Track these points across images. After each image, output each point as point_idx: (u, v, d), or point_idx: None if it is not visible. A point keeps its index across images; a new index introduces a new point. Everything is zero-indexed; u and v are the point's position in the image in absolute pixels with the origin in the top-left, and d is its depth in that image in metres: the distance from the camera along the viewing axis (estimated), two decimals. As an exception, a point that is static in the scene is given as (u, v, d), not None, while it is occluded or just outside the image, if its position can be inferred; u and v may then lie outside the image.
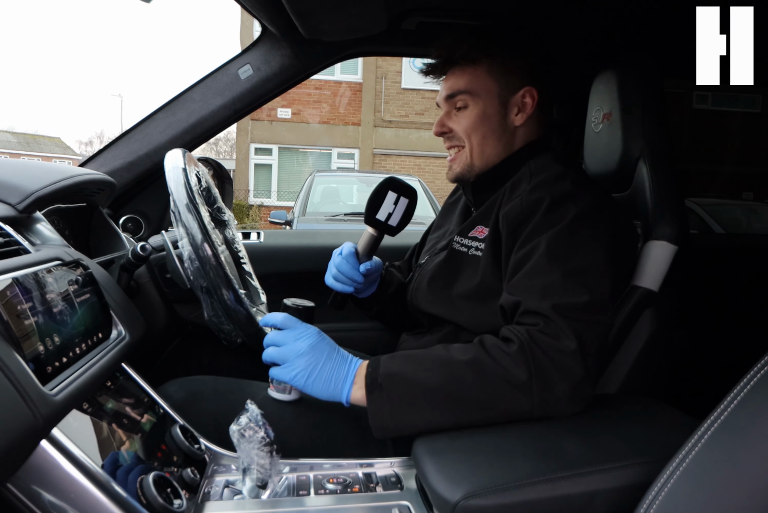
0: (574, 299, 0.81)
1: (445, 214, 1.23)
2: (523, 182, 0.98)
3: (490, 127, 1.02)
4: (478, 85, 1.01)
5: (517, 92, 1.02)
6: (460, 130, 1.03)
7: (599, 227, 0.88)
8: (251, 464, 0.79)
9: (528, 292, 0.84)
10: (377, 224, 1.05)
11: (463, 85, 1.02)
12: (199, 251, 0.96)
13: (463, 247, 1.03)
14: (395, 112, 12.62)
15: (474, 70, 1.02)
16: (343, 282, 1.10)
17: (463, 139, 1.04)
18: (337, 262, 1.10)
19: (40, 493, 0.63)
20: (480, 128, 1.02)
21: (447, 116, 1.06)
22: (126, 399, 0.84)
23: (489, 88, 1.01)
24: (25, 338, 0.64)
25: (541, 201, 0.90)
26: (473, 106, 1.02)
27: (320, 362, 0.85)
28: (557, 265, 0.84)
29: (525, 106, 1.02)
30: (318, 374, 0.84)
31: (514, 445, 0.76)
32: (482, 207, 1.04)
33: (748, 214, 5.16)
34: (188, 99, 1.48)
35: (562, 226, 0.87)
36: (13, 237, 0.87)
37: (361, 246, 1.09)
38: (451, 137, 1.06)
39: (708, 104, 8.23)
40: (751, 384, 0.52)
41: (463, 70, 1.02)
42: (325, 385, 0.84)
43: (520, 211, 0.92)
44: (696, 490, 0.53)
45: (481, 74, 1.01)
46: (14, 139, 28.26)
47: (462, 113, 1.03)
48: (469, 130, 1.02)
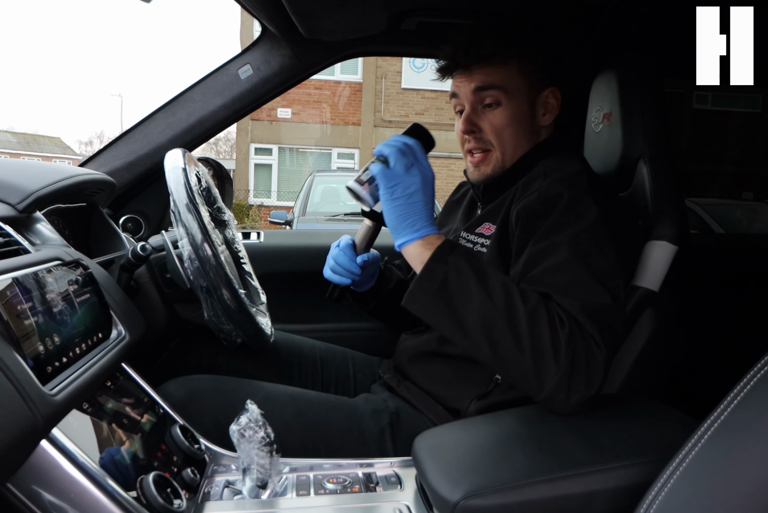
0: (600, 300, 0.80)
1: (449, 212, 1.23)
2: (536, 181, 0.96)
3: (522, 128, 1.00)
4: (511, 83, 0.98)
5: (542, 92, 1.01)
6: (490, 130, 1.00)
7: (615, 228, 0.88)
8: (251, 464, 0.79)
9: (553, 286, 0.82)
10: (374, 215, 1.05)
11: (497, 80, 0.98)
12: (199, 251, 0.96)
13: (468, 243, 1.03)
14: (395, 112, 12.62)
15: (505, 68, 0.98)
16: (341, 274, 1.09)
17: (492, 140, 1.01)
18: (334, 254, 1.09)
19: (40, 493, 0.63)
20: (512, 128, 1.00)
21: (475, 113, 1.00)
22: (126, 399, 0.84)
23: (520, 86, 0.99)
24: (25, 338, 0.64)
25: (560, 197, 0.88)
26: (506, 104, 0.99)
27: (415, 197, 0.85)
28: (582, 264, 0.82)
29: (549, 106, 1.02)
30: (406, 203, 0.85)
31: (514, 444, 0.76)
32: (491, 204, 1.04)
33: (748, 214, 5.16)
34: (188, 99, 1.48)
35: (585, 225, 0.85)
36: (13, 237, 0.87)
37: (359, 238, 1.08)
38: (479, 138, 1.01)
39: (708, 104, 8.23)
40: (751, 384, 0.52)
41: (493, 66, 0.98)
42: (401, 216, 0.85)
43: (537, 205, 0.90)
44: (696, 490, 0.53)
45: (514, 72, 0.98)
46: (14, 139, 28.26)
47: (493, 111, 0.99)
48: (500, 130, 0.99)
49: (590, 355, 0.76)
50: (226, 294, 0.98)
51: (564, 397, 0.76)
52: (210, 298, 1.01)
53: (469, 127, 1.01)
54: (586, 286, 0.81)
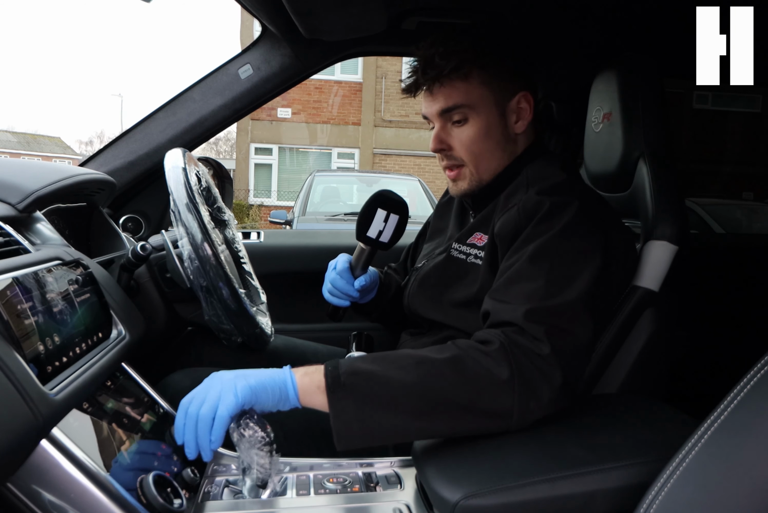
0: (548, 304, 0.79)
1: (441, 216, 1.22)
2: (519, 191, 0.95)
3: (494, 140, 0.98)
4: (475, 98, 0.96)
5: (512, 98, 0.98)
6: (460, 146, 0.98)
7: (593, 235, 0.87)
8: (251, 464, 0.79)
9: (506, 297, 0.82)
10: (369, 241, 1.05)
11: (459, 99, 0.95)
12: (199, 251, 0.96)
13: (461, 254, 1.02)
14: (395, 112, 12.62)
15: (467, 83, 0.95)
16: (339, 297, 1.10)
17: (463, 157, 0.99)
18: (331, 278, 1.09)
19: (40, 493, 0.63)
20: (483, 142, 0.97)
21: (444, 131, 0.99)
22: (126, 398, 0.84)
23: (486, 98, 0.96)
24: (25, 338, 0.64)
25: (540, 205, 0.88)
26: (474, 119, 0.96)
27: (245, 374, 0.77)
28: (539, 271, 0.82)
29: (522, 111, 0.99)
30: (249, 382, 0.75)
31: (513, 444, 0.76)
32: (481, 213, 1.03)
33: (748, 214, 5.16)
34: (188, 99, 1.48)
35: (552, 233, 0.85)
36: (13, 236, 0.87)
37: (355, 261, 1.09)
38: (450, 156, 1.00)
39: (708, 104, 8.23)
40: (751, 384, 0.52)
41: (452, 85, 0.95)
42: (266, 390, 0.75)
43: (518, 221, 0.89)
44: (696, 490, 0.53)
45: (476, 86, 0.95)
46: (14, 139, 28.24)
47: (461, 128, 0.97)
48: (471, 146, 0.97)
49: (532, 354, 0.76)
50: (226, 294, 0.98)
51: (534, 407, 0.75)
52: (210, 298, 1.01)
53: (439, 145, 0.99)
54: (541, 292, 0.80)
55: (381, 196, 1.05)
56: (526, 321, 0.78)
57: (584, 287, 0.82)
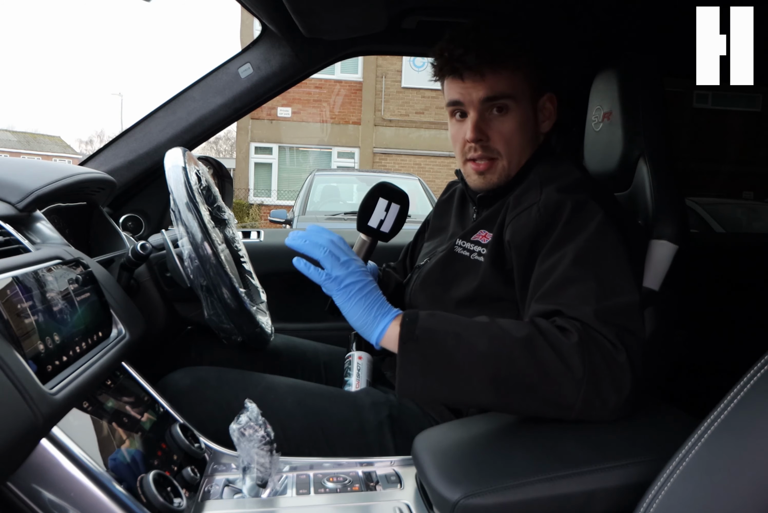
0: (613, 305, 0.78)
1: (441, 214, 1.21)
2: (531, 191, 0.93)
3: (527, 135, 0.98)
4: (519, 90, 0.95)
5: (541, 98, 0.99)
6: (499, 138, 0.96)
7: (619, 231, 0.86)
8: (251, 463, 0.79)
9: (562, 300, 0.80)
10: (369, 231, 1.05)
11: (506, 88, 0.94)
12: (199, 250, 0.96)
13: (465, 251, 1.01)
14: (395, 111, 12.62)
15: (514, 74, 0.94)
16: None
17: (500, 149, 0.97)
18: None
19: (40, 492, 0.63)
20: (519, 136, 0.97)
21: (483, 121, 0.96)
22: (126, 398, 0.85)
23: (525, 93, 0.96)
24: (26, 337, 0.64)
25: (563, 205, 0.87)
26: (514, 111, 0.96)
27: (367, 288, 0.84)
28: (590, 272, 0.81)
29: (547, 112, 1.00)
30: (363, 297, 0.83)
31: (513, 444, 0.76)
32: (488, 211, 1.02)
33: (749, 213, 5.16)
34: (188, 98, 1.48)
35: (588, 232, 0.84)
36: (13, 236, 0.87)
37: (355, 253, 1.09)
38: (486, 147, 0.97)
39: (708, 104, 8.23)
40: (751, 384, 0.52)
41: (502, 73, 0.94)
42: (365, 310, 0.82)
43: (539, 221, 0.87)
44: (696, 489, 0.53)
45: (522, 79, 0.95)
46: (14, 138, 28.24)
47: (502, 118, 0.96)
48: (510, 138, 0.96)
49: (610, 359, 0.74)
50: (226, 293, 0.98)
51: (598, 406, 0.74)
52: (210, 297, 1.01)
53: (478, 135, 0.96)
54: (597, 293, 0.79)
55: (383, 185, 1.06)
56: (598, 322, 0.76)
57: (632, 284, 0.81)
